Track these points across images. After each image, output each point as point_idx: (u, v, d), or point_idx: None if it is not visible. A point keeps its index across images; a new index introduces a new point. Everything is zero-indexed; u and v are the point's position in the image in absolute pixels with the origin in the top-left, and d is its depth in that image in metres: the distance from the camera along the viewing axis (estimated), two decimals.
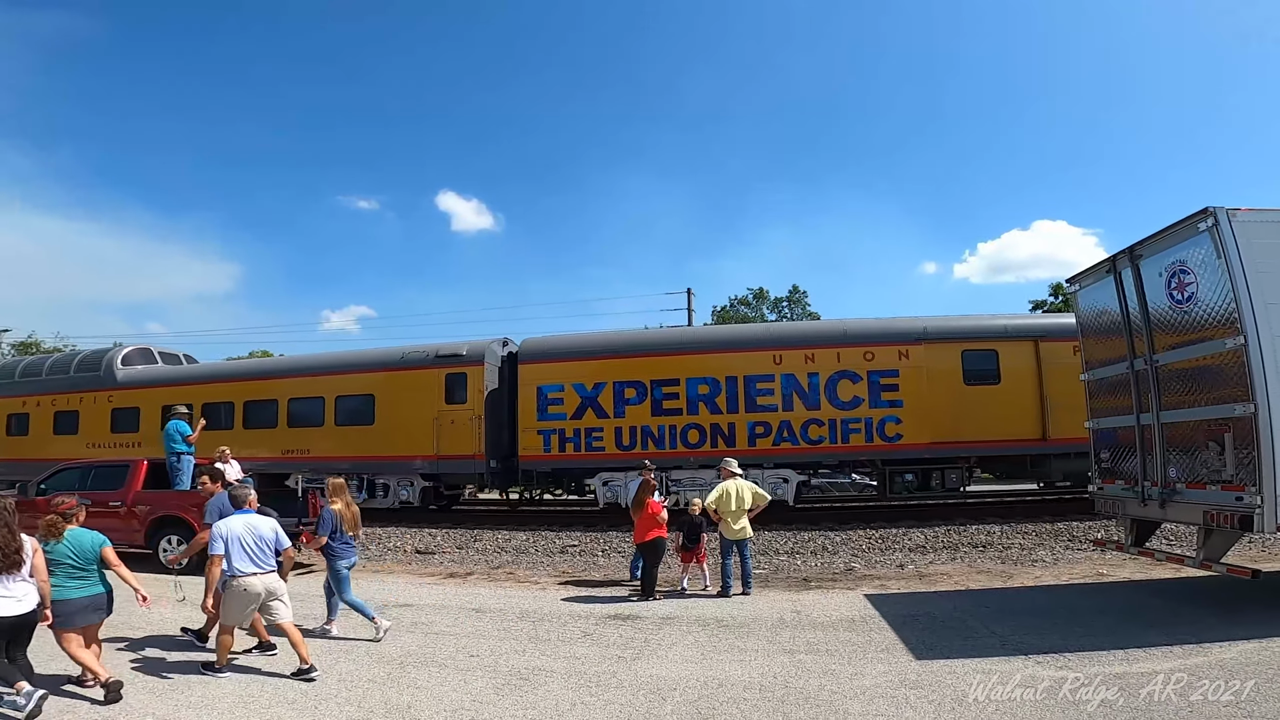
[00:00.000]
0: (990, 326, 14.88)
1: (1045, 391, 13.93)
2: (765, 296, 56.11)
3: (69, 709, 4.78)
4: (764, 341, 15.41)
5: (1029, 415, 14.00)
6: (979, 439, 14.11)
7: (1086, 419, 8.71)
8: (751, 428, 14.67)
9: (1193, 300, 6.71)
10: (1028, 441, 13.99)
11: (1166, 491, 7.12)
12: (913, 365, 14.38)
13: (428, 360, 16.59)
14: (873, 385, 14.41)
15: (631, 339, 16.69)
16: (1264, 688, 4.63)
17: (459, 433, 15.83)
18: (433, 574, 10.69)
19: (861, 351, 14.60)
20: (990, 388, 14.18)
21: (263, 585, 5.70)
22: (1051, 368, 13.95)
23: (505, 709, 4.73)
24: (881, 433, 14.32)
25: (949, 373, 14.31)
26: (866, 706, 4.63)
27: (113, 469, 11.89)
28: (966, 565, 10.26)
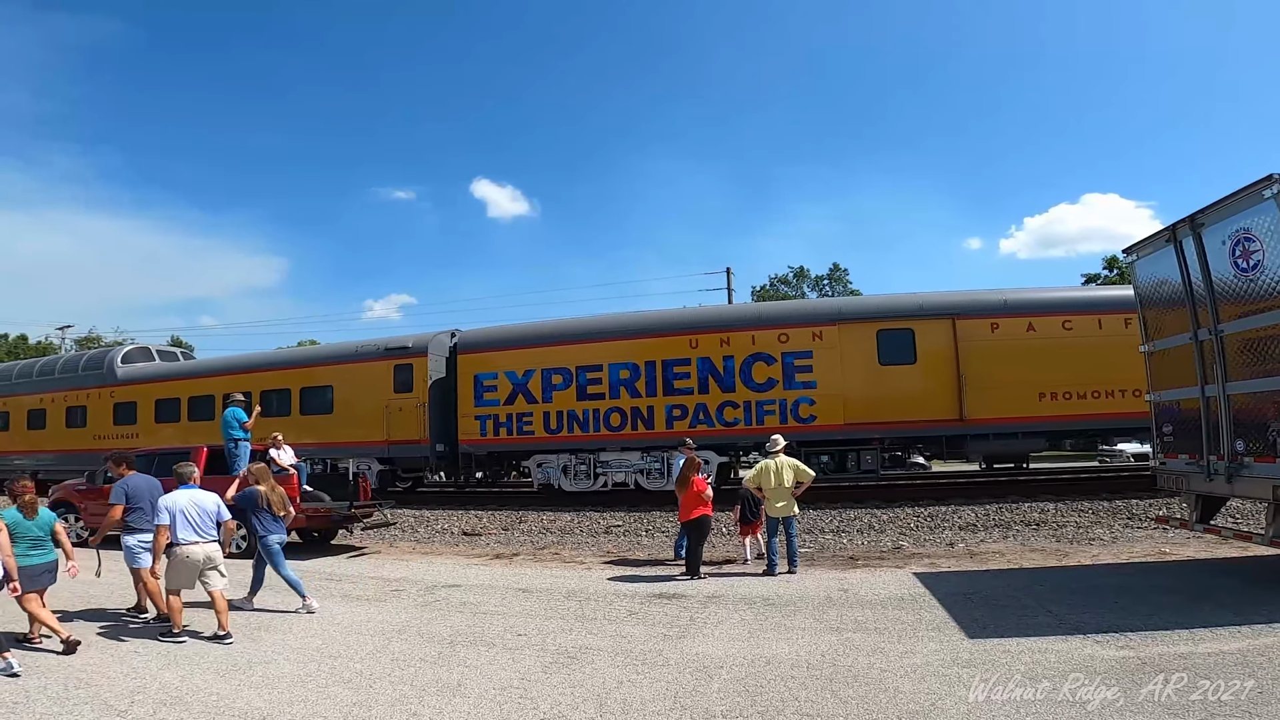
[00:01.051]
0: (905, 305, 14.77)
1: (962, 371, 13.84)
2: (806, 275, 55.44)
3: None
4: (680, 326, 15.65)
5: (946, 395, 13.92)
6: (894, 420, 14.09)
7: (1148, 392, 8.39)
8: (669, 410, 15.08)
9: (1258, 268, 6.38)
10: (944, 422, 13.93)
11: (1233, 466, 6.82)
12: (826, 346, 14.49)
13: (378, 353, 17.80)
14: (787, 367, 14.58)
15: (556, 328, 17.13)
16: None
17: (407, 419, 16.76)
18: (479, 555, 10.88)
19: (776, 334, 14.78)
20: (906, 367, 14.17)
21: (203, 553, 6.31)
22: (969, 346, 13.91)
23: (553, 686, 4.78)
24: (795, 414, 14.48)
25: (864, 353, 14.35)
26: (918, 685, 4.55)
27: (175, 456, 12.30)
28: (1019, 544, 10.02)
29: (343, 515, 11.31)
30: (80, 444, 20.85)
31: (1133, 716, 3.96)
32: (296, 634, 6.33)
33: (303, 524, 11.09)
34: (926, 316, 14.31)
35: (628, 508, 14.56)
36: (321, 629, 6.50)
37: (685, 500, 8.71)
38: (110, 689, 4.90)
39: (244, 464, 11.74)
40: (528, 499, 17.01)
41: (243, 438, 11.87)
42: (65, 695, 4.78)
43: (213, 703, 4.61)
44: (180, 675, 5.18)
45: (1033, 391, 13.67)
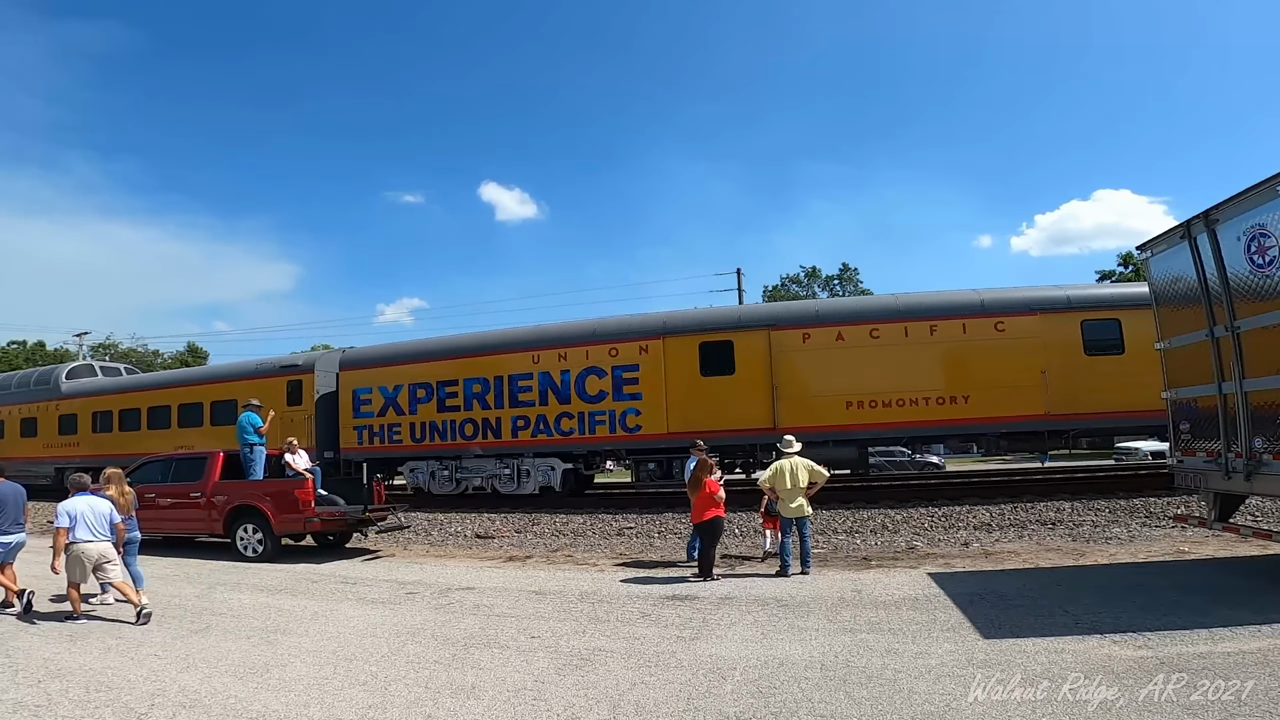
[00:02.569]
0: (726, 318, 15.58)
1: (775, 381, 14.42)
2: (817, 275, 55.32)
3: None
4: (525, 343, 16.80)
5: (761, 405, 14.46)
6: (714, 428, 14.48)
7: (1163, 389, 8.31)
8: (515, 421, 16.28)
9: (1274, 264, 6.32)
10: (759, 430, 14.40)
11: (1252, 464, 6.74)
12: (652, 359, 15.26)
13: (275, 370, 19.70)
14: (616, 380, 15.43)
15: (420, 347, 18.57)
16: None
17: (297, 430, 17.67)
18: (493, 557, 10.92)
19: (607, 348, 15.68)
20: (726, 378, 14.76)
21: (96, 551, 7.15)
22: (781, 357, 14.51)
23: (566, 688, 4.80)
24: (623, 424, 15.35)
25: (687, 365, 15.03)
26: (933, 686, 4.53)
27: (192, 461, 12.46)
28: (1035, 543, 9.94)
29: (357, 518, 11.39)
30: (32, 452, 23.52)
31: (1148, 716, 3.92)
32: (312, 636, 6.38)
33: (318, 528, 11.19)
34: (745, 328, 14.93)
35: (640, 509, 14.57)
36: (337, 632, 6.55)
37: (698, 502, 8.70)
38: (131, 692, 4.96)
39: (260, 469, 11.89)
40: (540, 502, 17.08)
41: (258, 442, 11.99)
42: (87, 698, 4.85)
43: (231, 705, 4.66)
44: (200, 678, 5.24)
45: (840, 400, 14.22)
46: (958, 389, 13.96)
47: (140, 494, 12.02)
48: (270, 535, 10.89)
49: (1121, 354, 13.55)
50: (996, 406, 13.80)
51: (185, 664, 5.62)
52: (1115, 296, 14.23)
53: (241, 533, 11.08)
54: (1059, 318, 13.84)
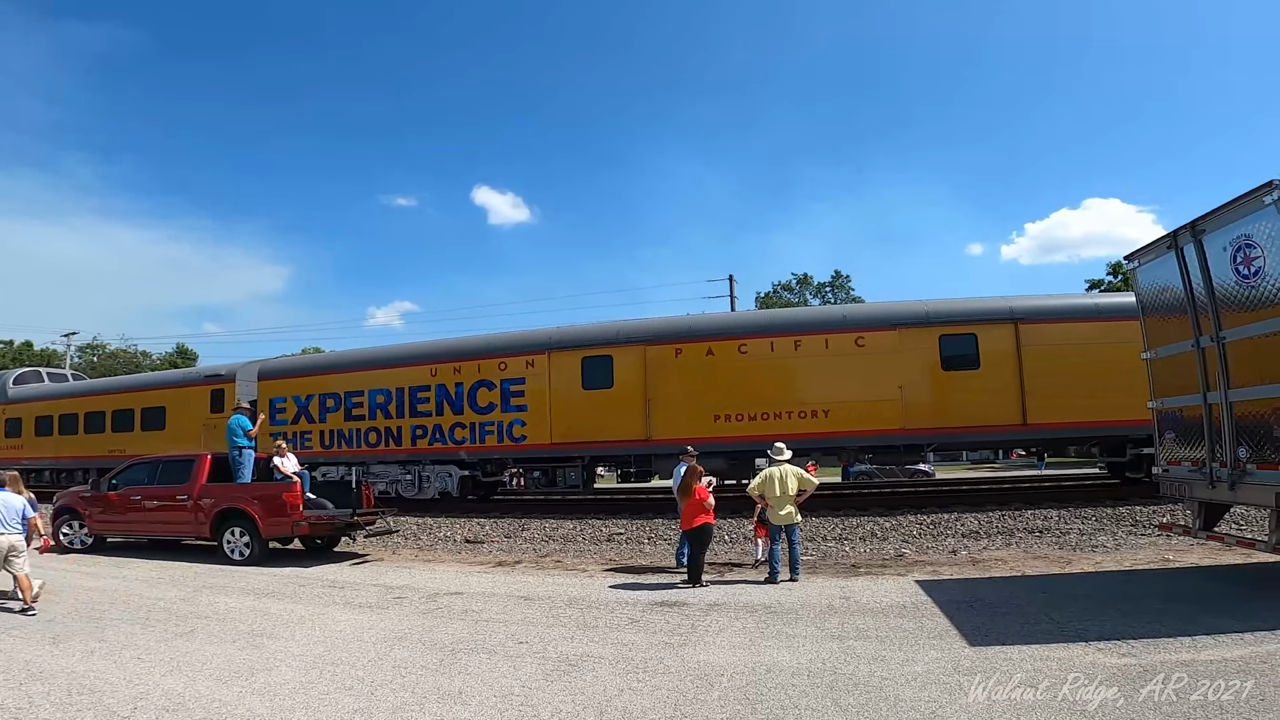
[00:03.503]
0: (607, 333, 15.98)
1: (649, 394, 14.93)
2: (809, 282, 55.47)
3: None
4: (423, 357, 17.61)
5: (636, 416, 14.96)
6: (594, 439, 15.32)
7: (1149, 399, 8.38)
8: (414, 430, 17.06)
9: (1260, 275, 6.39)
10: (634, 442, 14.99)
11: (1236, 473, 6.81)
12: (537, 373, 15.94)
13: (200, 379, 20.96)
14: (504, 392, 16.18)
15: (330, 359, 19.93)
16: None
17: (218, 435, 18.91)
18: (482, 562, 10.88)
19: (497, 362, 16.42)
20: (605, 391, 15.32)
21: (7, 543, 7.51)
22: (656, 371, 15.05)
23: (554, 694, 4.79)
24: (510, 434, 16.05)
25: (570, 379, 15.65)
26: (919, 693, 4.54)
27: (179, 464, 12.38)
28: (1022, 551, 10.00)
29: (345, 522, 11.34)
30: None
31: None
32: (299, 641, 6.34)
33: (306, 531, 11.13)
34: (623, 343, 15.45)
35: (630, 515, 14.55)
36: (324, 636, 6.51)
37: (687, 508, 8.71)
38: (113, 695, 4.92)
39: (248, 472, 11.82)
40: (530, 506, 17.08)
41: (246, 445, 11.92)
42: (69, 701, 4.80)
43: (215, 709, 4.63)
44: (183, 682, 5.20)
45: (709, 413, 14.58)
46: (819, 403, 14.31)
47: (126, 496, 12.00)
48: (257, 538, 10.82)
49: (977, 369, 13.92)
50: (856, 421, 14.16)
51: (169, 667, 5.58)
52: (973, 311, 14.52)
53: (229, 536, 11.00)
54: (918, 333, 14.17)
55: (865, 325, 14.48)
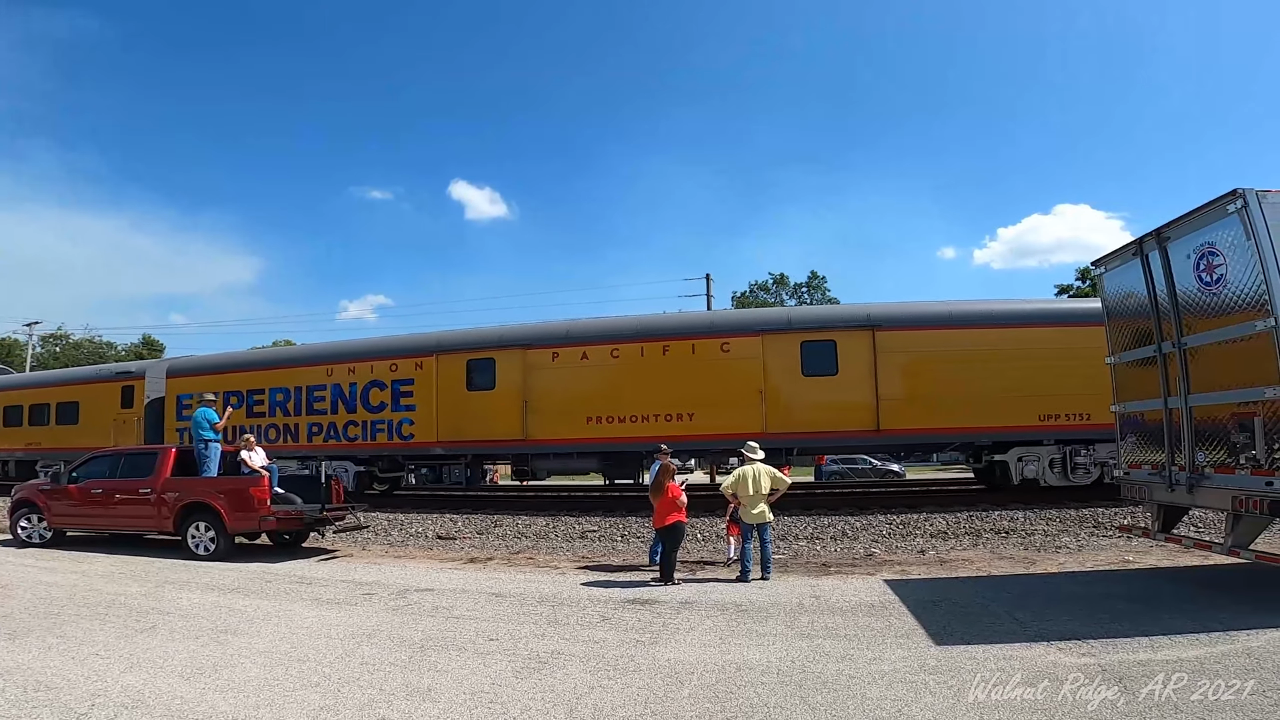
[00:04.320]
0: (490, 337, 16.75)
1: (527, 396, 15.59)
2: (785, 282, 55.90)
3: None
4: (320, 358, 18.35)
5: (515, 417, 15.66)
6: (477, 438, 16.08)
7: (1112, 403, 8.56)
8: (310, 428, 17.68)
9: (1222, 282, 6.56)
10: (513, 441, 15.73)
11: (1194, 477, 6.99)
12: (426, 374, 16.56)
13: (111, 376, 21.76)
14: (395, 392, 16.78)
15: (235, 359, 20.61)
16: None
17: (128, 430, 19.89)
18: (454, 559, 10.81)
19: (389, 364, 17.04)
20: (488, 392, 15.99)
21: None
22: (533, 374, 15.72)
23: (524, 691, 4.77)
24: (399, 433, 16.68)
25: (456, 380, 16.30)
26: (885, 691, 4.60)
27: (143, 456, 12.13)
28: (989, 551, 10.17)
29: (314, 518, 11.18)
30: None
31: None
32: (264, 637, 6.25)
33: (273, 526, 10.97)
34: (505, 347, 16.17)
35: (604, 513, 14.55)
36: (290, 632, 6.42)
37: (660, 506, 8.72)
38: (71, 691, 4.81)
39: (214, 465, 11.61)
40: (504, 503, 17.02)
41: (213, 439, 11.72)
42: (24, 698, 4.68)
43: (176, 706, 4.54)
44: (143, 678, 5.09)
45: (582, 415, 15.22)
46: (684, 406, 14.79)
47: (87, 489, 11.72)
48: (223, 534, 10.63)
49: (835, 375, 14.36)
50: (719, 423, 14.53)
51: (129, 663, 5.46)
52: (833, 318, 15.11)
53: (193, 531, 10.80)
54: (780, 339, 14.66)
55: (730, 331, 15.06)
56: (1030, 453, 13.96)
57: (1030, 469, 14.01)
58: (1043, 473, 13.87)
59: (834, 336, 14.47)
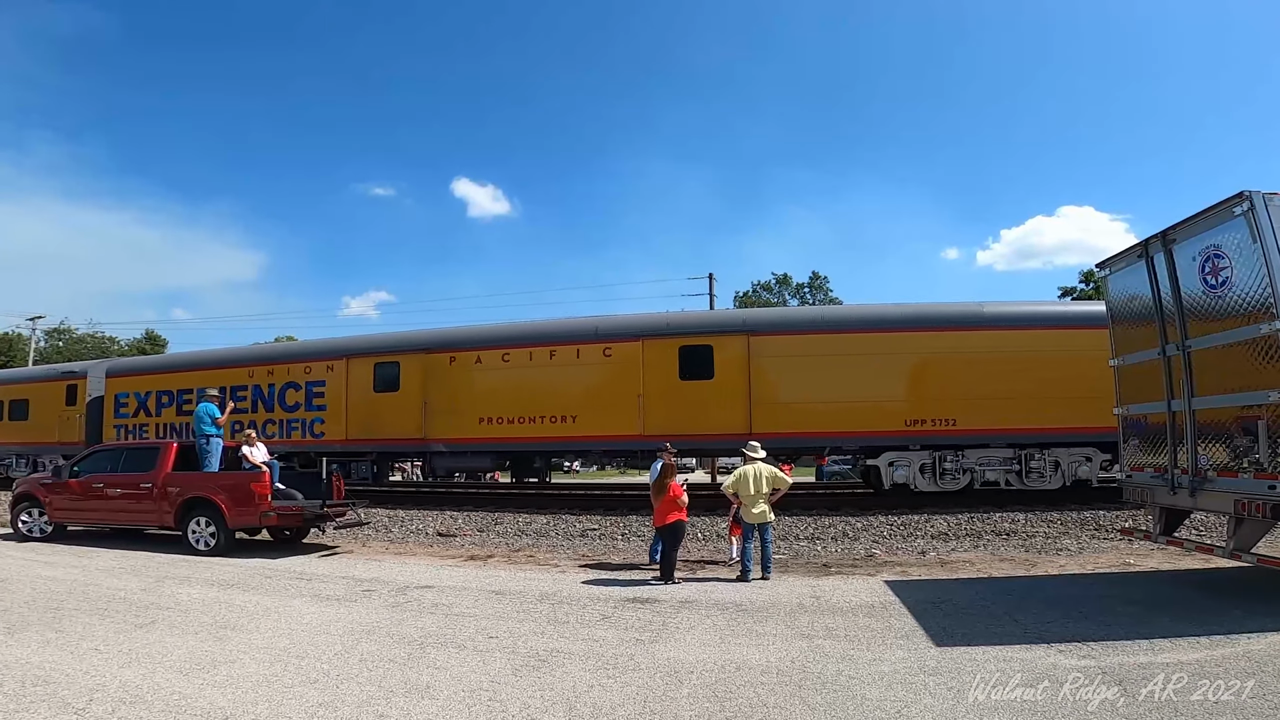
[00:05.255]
0: (397, 342, 17.73)
1: (426, 397, 16.35)
2: (788, 282, 55.83)
3: None
4: (243, 360, 19.46)
5: (416, 418, 16.42)
6: (382, 436, 16.84)
7: (1115, 405, 8.53)
8: (232, 425, 17.73)
9: (1227, 285, 6.53)
10: (413, 440, 16.48)
11: (1197, 480, 6.97)
12: (337, 376, 17.45)
13: (58, 375, 22.82)
14: (309, 393, 17.73)
15: (167, 360, 21.86)
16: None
17: (71, 427, 21.13)
18: (454, 556, 10.81)
19: (304, 366, 18.05)
20: (394, 394, 16.77)
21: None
22: (433, 377, 16.45)
23: (523, 689, 4.76)
24: (312, 431, 17.63)
25: (364, 382, 17.17)
26: (884, 693, 4.59)
27: (144, 451, 12.14)
28: (989, 553, 10.15)
29: (315, 514, 11.17)
30: None
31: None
32: (264, 633, 6.25)
33: (274, 522, 10.97)
34: (408, 351, 16.95)
35: (604, 511, 14.55)
36: (289, 629, 6.42)
37: (661, 505, 8.71)
38: (69, 687, 4.81)
39: (215, 460, 11.62)
40: (504, 500, 17.04)
41: (214, 434, 11.72)
42: (22, 693, 4.68)
43: (175, 701, 4.54)
44: (142, 674, 5.09)
45: (476, 416, 15.96)
46: (568, 409, 15.37)
47: (88, 483, 11.73)
48: (224, 529, 10.63)
49: (712, 379, 14.68)
50: (600, 426, 15.19)
51: (127, 659, 5.46)
52: (710, 323, 15.49)
53: (194, 526, 10.80)
54: (660, 344, 15.04)
55: (613, 336, 15.46)
56: (901, 457, 14.07)
57: (900, 474, 14.14)
58: (913, 478, 13.95)
59: (711, 341, 14.89)
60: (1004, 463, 13.88)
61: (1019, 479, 13.82)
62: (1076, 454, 13.78)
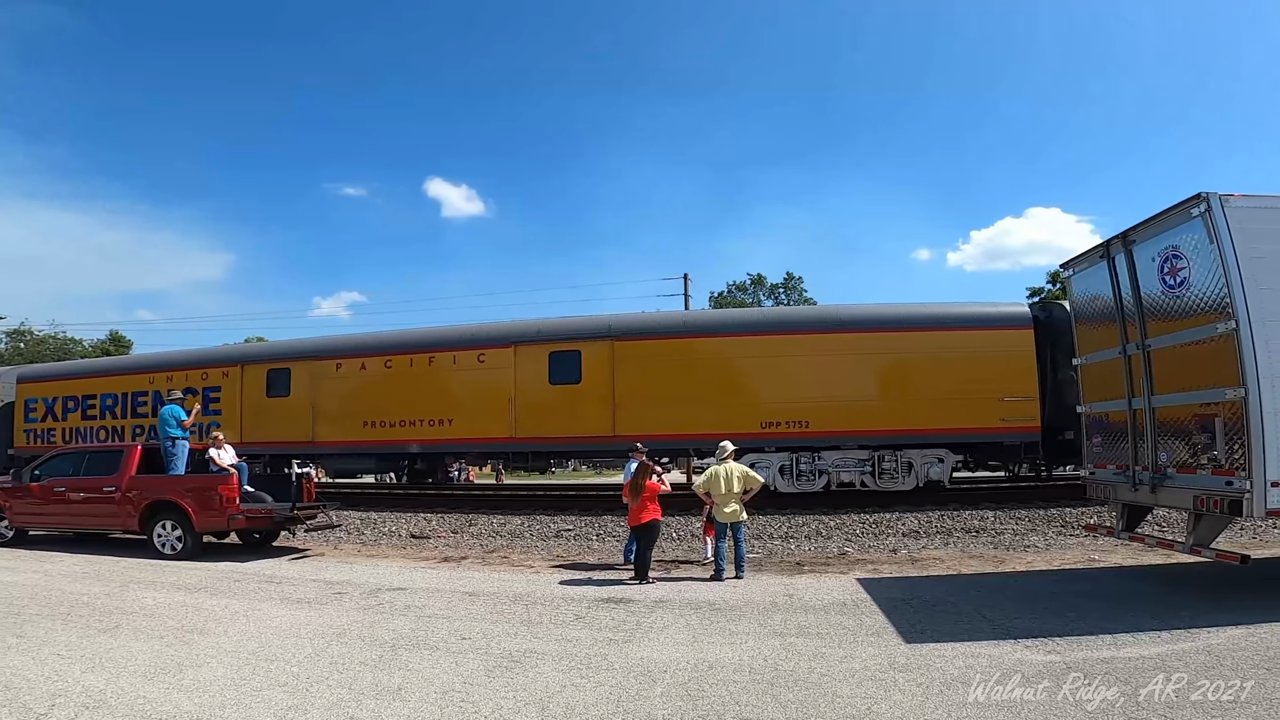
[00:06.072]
0: (288, 350, 18.65)
1: (314, 402, 17.13)
2: (762, 283, 56.07)
3: None
4: (142, 367, 20.31)
5: (304, 420, 17.16)
6: (274, 439, 17.29)
7: (1080, 403, 8.71)
8: (134, 429, 19.28)
9: (1185, 285, 6.70)
10: (302, 443, 16.92)
11: (1157, 476, 7.13)
12: (232, 382, 18.17)
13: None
14: (205, 398, 18.13)
15: (73, 367, 22.59)
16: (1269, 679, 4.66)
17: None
18: (427, 558, 10.72)
19: (201, 373, 18.77)
20: (285, 399, 17.51)
21: None
22: (319, 383, 17.23)
23: (495, 690, 4.75)
24: (207, 434, 17.60)
25: (258, 387, 17.91)
26: (855, 689, 4.65)
27: (107, 454, 11.89)
28: (959, 550, 10.30)
29: (285, 516, 11.01)
30: None
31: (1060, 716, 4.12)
32: (231, 637, 6.15)
33: (242, 525, 10.82)
34: (298, 359, 17.80)
35: (579, 511, 14.53)
36: (258, 632, 6.33)
37: (637, 505, 8.73)
38: (31, 692, 4.70)
39: (182, 463, 11.41)
40: (479, 501, 16.94)
41: (180, 436, 11.52)
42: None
43: (139, 706, 4.46)
44: (105, 679, 5.00)
45: (359, 420, 16.68)
46: (445, 413, 16.06)
47: (49, 487, 11.46)
48: (190, 532, 10.45)
49: (579, 383, 15.26)
50: (474, 429, 15.90)
51: (91, 663, 5.36)
52: (578, 329, 15.95)
53: (159, 529, 10.60)
54: (531, 350, 15.68)
55: (487, 343, 16.13)
56: (762, 459, 14.31)
57: (763, 475, 14.39)
58: (773, 479, 14.16)
59: (579, 347, 15.38)
60: (859, 464, 14.25)
61: (874, 479, 14.18)
62: (929, 455, 14.20)
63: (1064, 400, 14.54)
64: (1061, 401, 14.68)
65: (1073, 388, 13.88)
